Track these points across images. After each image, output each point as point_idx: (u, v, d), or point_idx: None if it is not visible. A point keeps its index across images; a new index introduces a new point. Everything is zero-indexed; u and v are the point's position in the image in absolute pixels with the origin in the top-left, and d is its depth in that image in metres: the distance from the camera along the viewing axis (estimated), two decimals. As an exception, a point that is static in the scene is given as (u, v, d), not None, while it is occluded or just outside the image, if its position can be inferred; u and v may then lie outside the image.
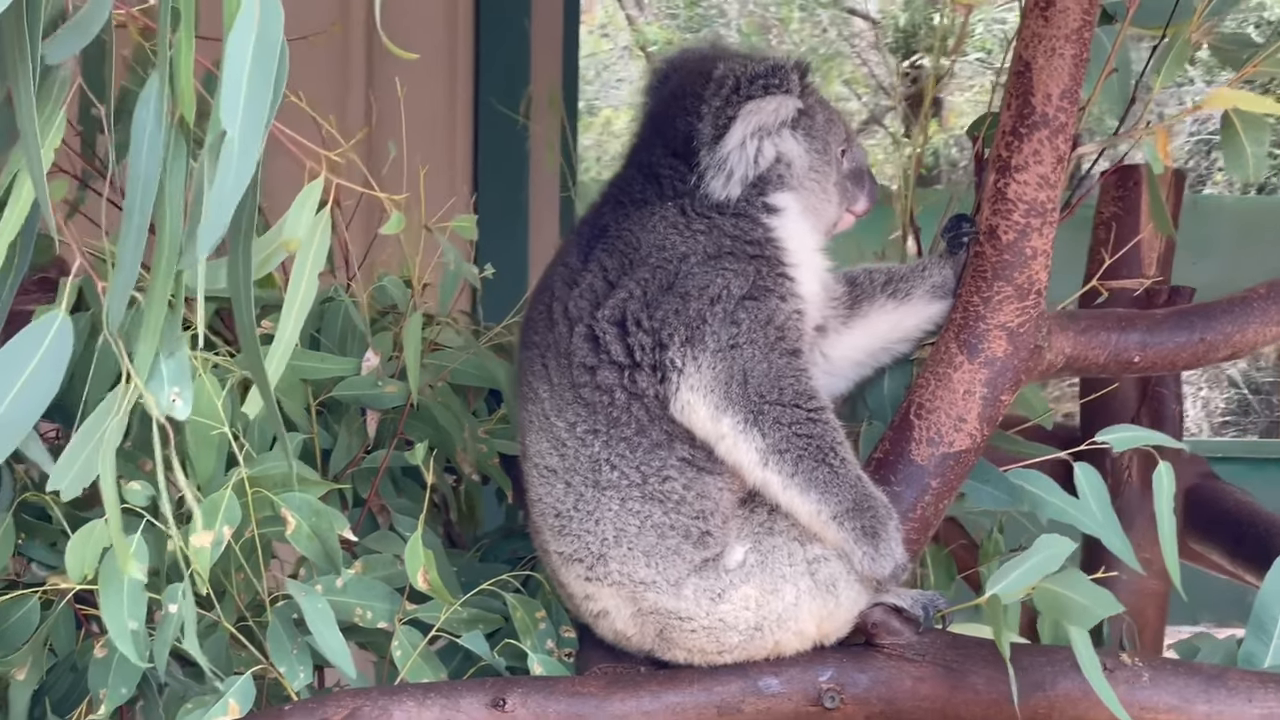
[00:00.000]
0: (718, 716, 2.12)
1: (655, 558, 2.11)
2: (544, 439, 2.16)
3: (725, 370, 2.07)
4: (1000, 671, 2.07)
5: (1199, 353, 2.39)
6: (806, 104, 2.22)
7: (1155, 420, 3.06)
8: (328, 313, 2.62)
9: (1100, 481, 2.32)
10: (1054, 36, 2.19)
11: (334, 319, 2.62)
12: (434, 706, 2.05)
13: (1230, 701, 2.14)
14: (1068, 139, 2.24)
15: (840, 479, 2.09)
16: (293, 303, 1.77)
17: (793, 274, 2.16)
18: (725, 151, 2.14)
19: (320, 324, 2.63)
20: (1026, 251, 2.24)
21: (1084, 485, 2.31)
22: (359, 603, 2.24)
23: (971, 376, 2.25)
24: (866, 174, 2.33)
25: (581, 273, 2.16)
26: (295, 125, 2.65)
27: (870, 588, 2.14)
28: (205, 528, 2.08)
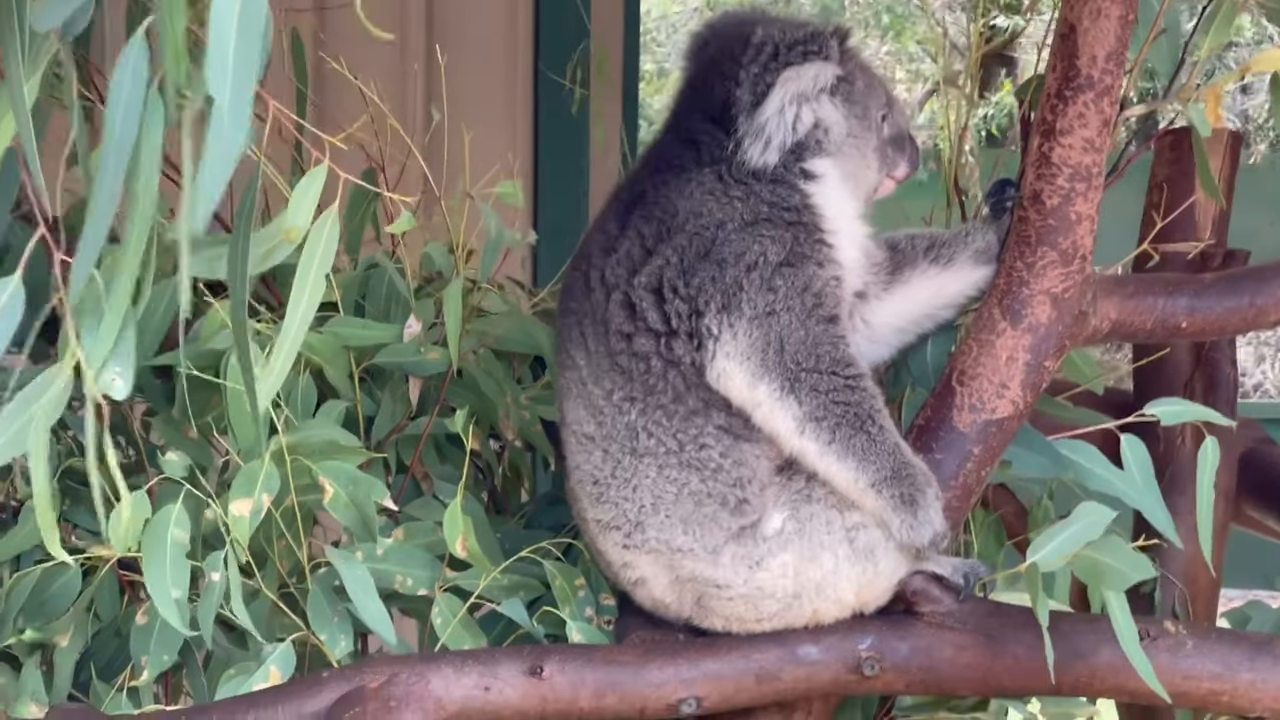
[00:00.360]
0: (756, 684, 2.12)
1: (693, 525, 2.11)
2: (581, 406, 2.16)
3: (762, 337, 2.06)
4: (1042, 640, 2.05)
5: (1249, 317, 2.35)
6: (846, 69, 2.20)
7: (1209, 385, 3.02)
8: (372, 279, 2.62)
9: (1145, 454, 2.30)
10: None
11: (379, 285, 2.62)
12: (471, 674, 2.05)
13: (1275, 670, 2.12)
14: (1113, 102, 2.21)
15: (878, 446, 2.07)
16: (298, 303, 1.75)
17: (831, 240, 2.14)
18: (764, 118, 2.13)
19: (365, 290, 2.63)
20: (1071, 216, 2.21)
21: (1129, 457, 2.29)
22: (400, 570, 2.24)
23: (1015, 343, 2.23)
24: (908, 139, 2.31)
25: (619, 239, 2.15)
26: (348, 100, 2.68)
27: (910, 556, 2.12)
28: (243, 496, 2.09)
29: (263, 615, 2.25)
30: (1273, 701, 2.12)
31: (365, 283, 2.63)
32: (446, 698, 2.03)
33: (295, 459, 2.16)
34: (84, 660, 2.28)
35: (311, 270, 1.76)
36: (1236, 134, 3.10)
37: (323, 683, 2.03)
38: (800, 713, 2.23)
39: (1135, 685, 2.11)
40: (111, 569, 2.25)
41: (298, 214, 1.72)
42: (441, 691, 2.03)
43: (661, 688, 2.09)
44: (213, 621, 2.11)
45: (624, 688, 2.08)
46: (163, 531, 2.03)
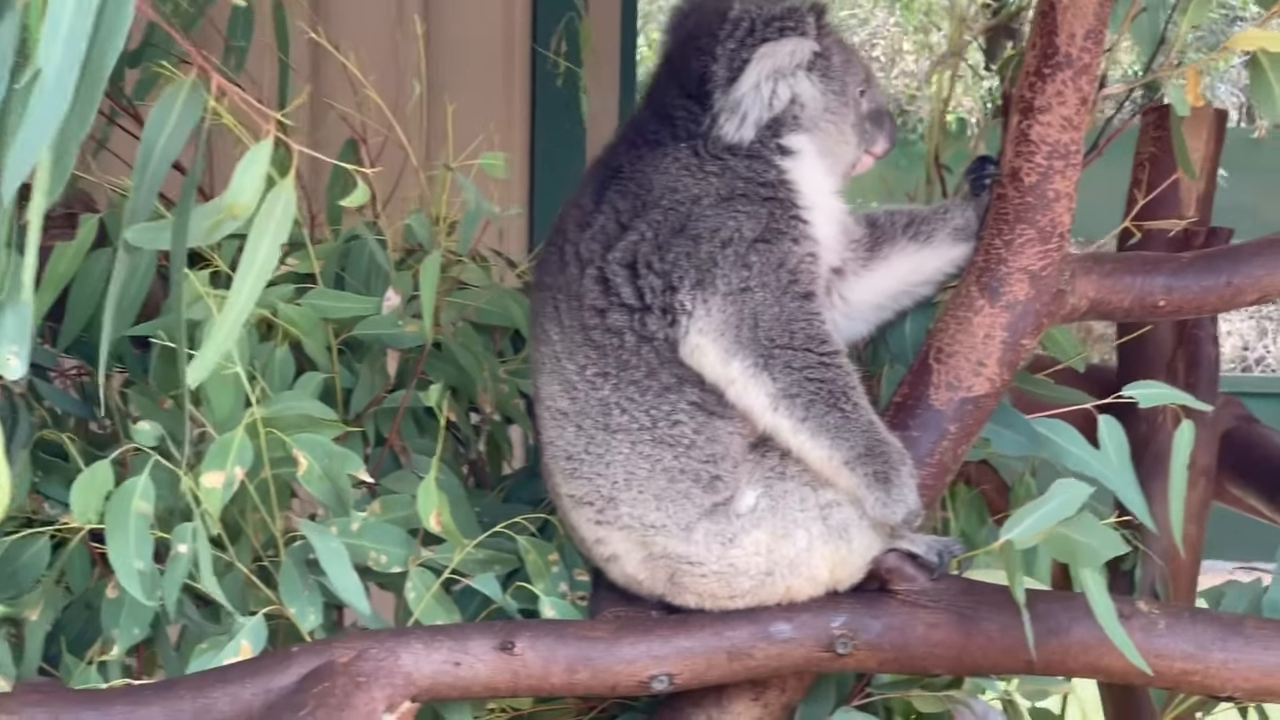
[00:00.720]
0: (728, 661, 2.11)
1: (665, 501, 2.10)
2: (555, 381, 2.15)
3: (735, 313, 2.05)
4: (1015, 618, 2.05)
5: (1226, 296, 2.35)
6: (823, 45, 2.19)
7: (1191, 364, 3.03)
8: (354, 251, 2.61)
9: (1121, 433, 2.29)
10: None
11: (359, 258, 2.61)
12: (442, 649, 2.05)
13: (1247, 650, 2.12)
14: (1092, 80, 2.20)
15: (852, 424, 2.07)
16: (246, 274, 1.72)
17: (807, 216, 2.14)
18: (739, 94, 2.12)
19: (346, 263, 2.62)
20: (1049, 194, 2.21)
21: (1105, 437, 2.28)
22: (374, 546, 2.23)
23: (992, 320, 2.22)
24: (886, 115, 2.30)
25: (594, 214, 2.14)
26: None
27: (884, 533, 2.12)
28: (216, 468, 2.08)
29: (237, 589, 2.24)
30: (1243, 681, 2.12)
31: (346, 255, 2.62)
32: (416, 673, 2.03)
33: (270, 431, 2.15)
34: (54, 634, 2.27)
35: (264, 242, 1.74)
36: (1221, 112, 3.09)
37: (291, 657, 2.02)
38: (774, 690, 2.23)
39: (1109, 663, 2.10)
40: (83, 541, 2.24)
41: (242, 190, 1.69)
42: (411, 667, 2.03)
43: (633, 664, 2.09)
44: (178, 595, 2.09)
45: (596, 663, 2.08)
46: (126, 503, 2.03)
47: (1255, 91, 2.32)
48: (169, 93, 1.78)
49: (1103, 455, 2.28)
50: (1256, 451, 3.08)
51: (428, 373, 2.52)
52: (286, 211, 1.78)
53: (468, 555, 2.26)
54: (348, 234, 2.64)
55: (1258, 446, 3.09)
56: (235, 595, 2.24)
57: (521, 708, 2.28)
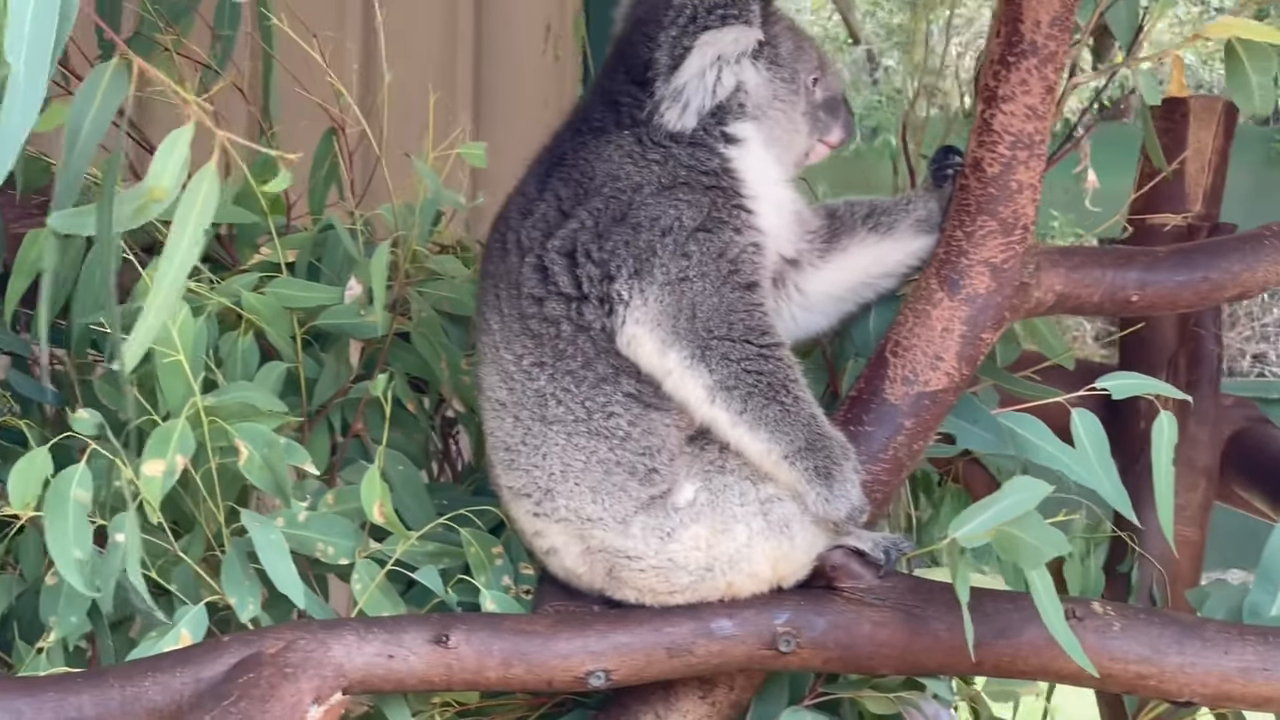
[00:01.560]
0: (668, 658, 2.08)
1: (602, 494, 2.07)
2: (494, 372, 2.13)
3: (673, 303, 2.02)
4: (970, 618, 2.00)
5: (1202, 291, 2.29)
6: (771, 32, 2.15)
7: (1193, 361, 2.95)
8: (329, 240, 2.60)
9: (1099, 428, 2.23)
10: (1044, -39, 2.11)
11: (335, 248, 2.59)
12: (375, 641, 2.02)
13: (1205, 653, 2.06)
14: (1058, 68, 2.15)
15: (792, 417, 2.03)
16: (171, 258, 1.71)
17: (751, 206, 2.10)
18: (681, 82, 2.09)
19: (321, 252, 2.61)
20: (1012, 185, 2.16)
21: (1081, 432, 2.22)
22: (321, 537, 2.21)
23: (951, 314, 2.17)
24: (841, 104, 2.26)
25: (536, 201, 2.12)
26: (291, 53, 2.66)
27: (828, 530, 2.08)
28: (157, 456, 2.07)
29: (188, 579, 2.23)
30: (1201, 686, 2.06)
31: (322, 244, 2.61)
32: (348, 664, 2.00)
33: (213, 421, 2.13)
34: (8, 620, 2.26)
35: (189, 225, 1.73)
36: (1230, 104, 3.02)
37: (223, 647, 2.01)
38: (722, 688, 2.19)
39: (1060, 666, 2.05)
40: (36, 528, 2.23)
41: (162, 173, 1.68)
42: (343, 658, 2.00)
43: (569, 659, 2.05)
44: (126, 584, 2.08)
45: (531, 658, 2.05)
46: (65, 491, 2.02)
47: (1231, 82, 2.26)
48: (92, 77, 1.78)
49: (1078, 451, 2.22)
50: (1265, 453, 3.00)
51: (391, 364, 2.49)
52: (210, 196, 1.76)
53: (418, 548, 2.24)
54: (323, 223, 2.63)
55: (1266, 448, 3.01)
56: (187, 585, 2.23)
57: (468, 703, 2.25)
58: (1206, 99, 2.95)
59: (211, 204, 1.76)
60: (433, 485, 2.56)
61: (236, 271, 2.53)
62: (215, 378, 2.33)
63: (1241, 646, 2.06)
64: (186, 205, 1.73)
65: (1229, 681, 2.06)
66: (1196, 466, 2.95)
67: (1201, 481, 2.97)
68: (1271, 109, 2.26)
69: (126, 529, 2.04)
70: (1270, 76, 2.25)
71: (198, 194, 1.74)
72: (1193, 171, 2.96)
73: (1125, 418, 2.91)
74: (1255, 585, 2.25)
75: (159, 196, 1.69)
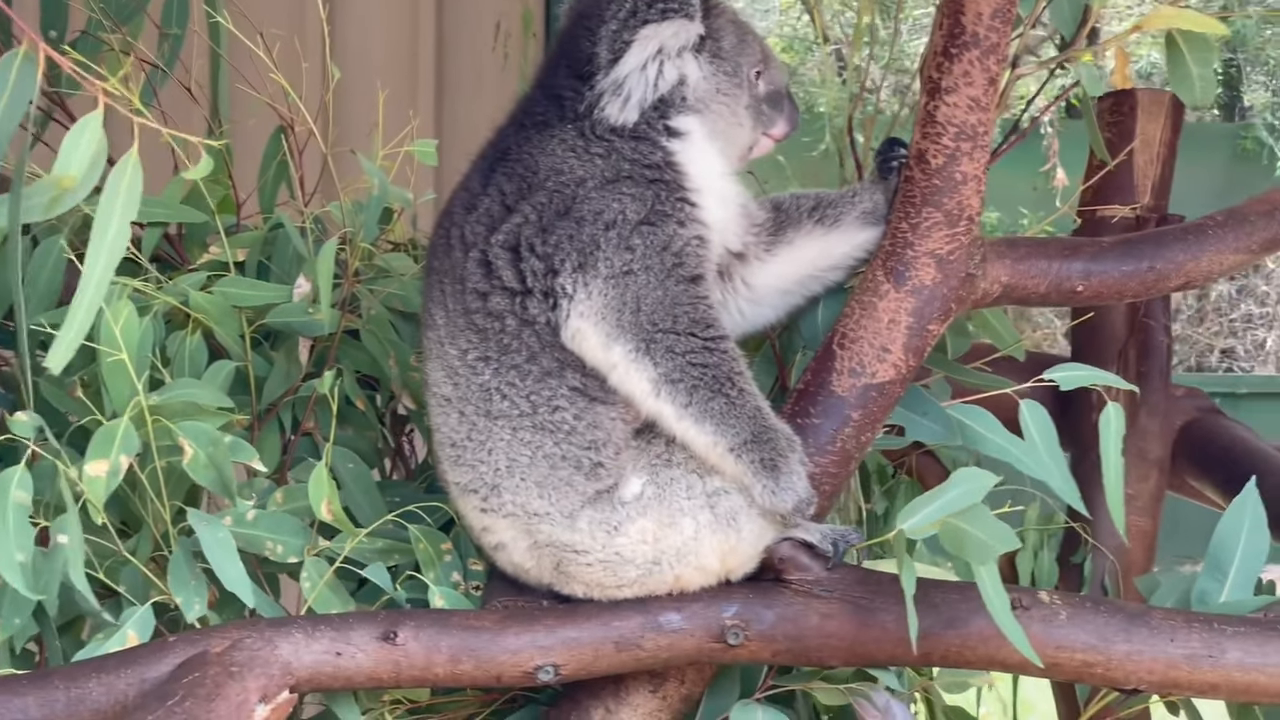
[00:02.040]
0: (616, 652, 2.08)
1: (548, 489, 2.07)
2: (439, 367, 2.12)
3: (617, 297, 2.02)
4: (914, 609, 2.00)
5: (1148, 282, 2.30)
6: (713, 25, 2.16)
7: (1144, 353, 2.97)
8: (279, 239, 2.59)
9: (1047, 419, 2.23)
10: (985, -48, 2.11)
11: (284, 246, 2.58)
12: (322, 639, 2.02)
13: (1151, 641, 2.06)
14: (1000, 60, 2.15)
15: (737, 410, 2.03)
16: (97, 253, 1.69)
17: (695, 199, 2.10)
18: (621, 74, 2.09)
19: (272, 251, 2.60)
20: (956, 176, 2.16)
21: (1029, 422, 2.22)
22: (270, 536, 2.21)
23: (897, 305, 2.18)
24: (786, 97, 2.26)
25: (480, 196, 2.12)
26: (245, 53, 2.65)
27: (776, 522, 2.08)
28: (100, 457, 2.06)
29: (137, 579, 2.22)
30: (1147, 674, 2.06)
31: (271, 243, 2.60)
32: (295, 663, 2.00)
33: (157, 420, 2.12)
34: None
35: (113, 218, 1.71)
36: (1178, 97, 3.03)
37: (168, 647, 2.00)
38: (673, 682, 2.19)
39: (1007, 656, 2.05)
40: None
41: (70, 160, 1.66)
42: (290, 656, 2.00)
43: (518, 654, 2.05)
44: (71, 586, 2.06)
45: (479, 654, 2.05)
46: (5, 493, 2.00)
47: (1172, 73, 2.27)
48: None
49: (1027, 443, 2.23)
50: (1215, 443, 3.01)
51: (340, 361, 2.49)
52: (133, 186, 1.75)
53: (367, 545, 2.23)
54: (272, 222, 2.62)
55: (1217, 438, 3.02)
56: (135, 586, 2.22)
57: (419, 700, 2.25)
58: (1154, 92, 2.96)
59: (136, 191, 1.73)
60: (384, 483, 2.56)
61: (185, 271, 2.52)
62: (163, 377, 2.32)
63: (1188, 634, 2.06)
64: (109, 198, 1.71)
65: (1175, 668, 2.06)
66: (1148, 457, 2.97)
67: (1153, 472, 2.98)
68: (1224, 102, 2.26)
69: (68, 530, 2.03)
70: (1211, 67, 2.26)
71: (120, 185, 1.72)
72: (1141, 164, 2.97)
73: (1077, 410, 2.92)
74: (1203, 573, 2.25)
75: (68, 185, 1.67)
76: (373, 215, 2.49)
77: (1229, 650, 2.05)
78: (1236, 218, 2.33)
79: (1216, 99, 11.62)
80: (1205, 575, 2.25)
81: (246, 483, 2.31)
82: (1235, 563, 2.25)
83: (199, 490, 2.31)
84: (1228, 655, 2.05)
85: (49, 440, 2.08)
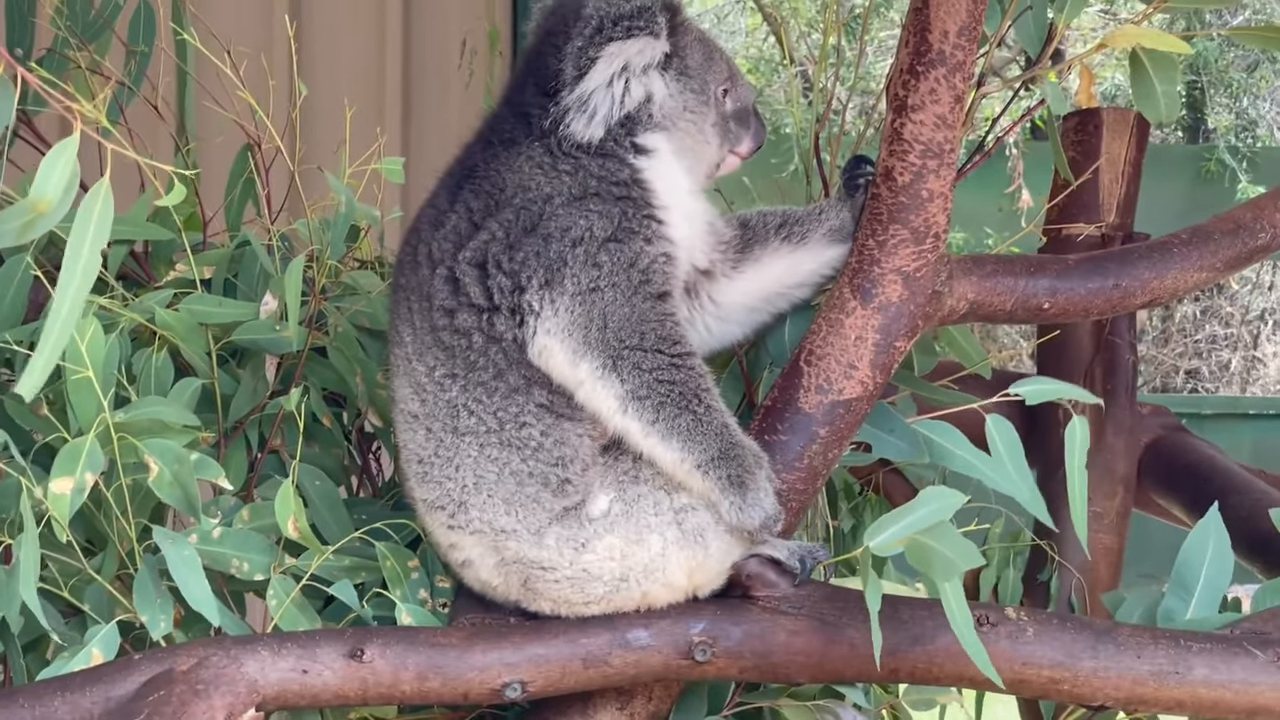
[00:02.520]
0: (584, 669, 2.07)
1: (515, 505, 2.07)
2: (406, 384, 2.12)
3: (584, 314, 2.02)
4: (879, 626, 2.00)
5: (1114, 299, 2.31)
6: (680, 43, 2.16)
7: (1109, 371, 2.98)
8: (246, 257, 2.59)
9: (1013, 434, 2.24)
10: (952, -29, 2.11)
11: (251, 264, 2.58)
12: (289, 656, 2.01)
13: (1118, 657, 2.07)
14: (966, 78, 2.16)
15: (704, 426, 2.03)
16: (70, 277, 1.67)
17: (662, 216, 2.10)
18: (586, 90, 2.09)
19: (238, 269, 2.59)
20: (923, 194, 2.17)
21: (995, 438, 2.22)
22: (235, 554, 2.20)
23: (864, 322, 2.18)
24: (753, 114, 2.26)
25: (447, 214, 2.11)
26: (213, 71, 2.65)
27: (743, 539, 2.08)
28: (65, 474, 2.05)
29: (102, 597, 2.21)
30: (1114, 690, 2.07)
31: (238, 260, 2.60)
32: (262, 680, 1.99)
33: (122, 437, 2.11)
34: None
35: (85, 243, 1.70)
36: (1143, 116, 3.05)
37: (133, 665, 1.99)
38: (640, 699, 2.19)
39: (974, 673, 2.05)
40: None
41: (45, 185, 1.65)
42: (256, 674, 1.99)
43: (485, 671, 2.05)
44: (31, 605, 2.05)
45: (447, 671, 2.04)
46: (-36, 511, 2.00)
47: (1136, 91, 2.28)
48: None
49: (993, 458, 2.23)
50: (1180, 460, 3.03)
51: (307, 378, 2.48)
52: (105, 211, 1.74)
53: (334, 562, 2.23)
54: (239, 240, 2.61)
55: (1182, 455, 3.04)
56: (100, 604, 2.21)
57: (386, 717, 2.24)
58: (1119, 110, 2.98)
59: (107, 220, 1.72)
60: (352, 500, 2.55)
61: (152, 288, 2.51)
62: (129, 395, 2.31)
63: (1154, 650, 2.07)
64: (82, 221, 1.70)
65: (1142, 685, 2.07)
66: (1114, 474, 2.98)
67: (1119, 489, 2.99)
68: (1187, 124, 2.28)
69: (24, 548, 2.01)
70: (1175, 85, 2.27)
71: (93, 210, 1.71)
72: (1106, 182, 2.99)
73: (1045, 427, 2.93)
74: (1169, 590, 2.26)
75: (43, 209, 1.66)
76: (340, 233, 2.48)
77: (1195, 667, 2.05)
78: (1201, 236, 2.34)
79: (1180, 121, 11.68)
80: (1171, 593, 2.26)
81: (213, 500, 2.30)
82: (1200, 580, 2.26)
83: (165, 508, 2.31)
84: (1194, 672, 2.05)
85: (14, 457, 2.07)
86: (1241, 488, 2.81)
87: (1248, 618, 2.16)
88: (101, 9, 2.82)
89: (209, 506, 2.26)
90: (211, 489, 2.30)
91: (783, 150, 8.57)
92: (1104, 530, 2.95)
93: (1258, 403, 8.62)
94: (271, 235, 2.63)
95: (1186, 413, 3.09)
